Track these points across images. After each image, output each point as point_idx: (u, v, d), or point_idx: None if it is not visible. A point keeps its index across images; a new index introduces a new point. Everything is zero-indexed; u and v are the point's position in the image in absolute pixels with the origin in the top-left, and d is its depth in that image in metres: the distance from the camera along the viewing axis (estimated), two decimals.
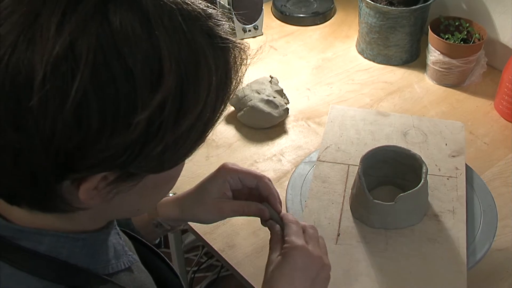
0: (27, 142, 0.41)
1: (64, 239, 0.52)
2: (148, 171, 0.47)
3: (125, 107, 0.41)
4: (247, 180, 0.79)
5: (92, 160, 0.42)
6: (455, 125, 1.11)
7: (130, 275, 0.59)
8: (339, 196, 0.99)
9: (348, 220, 0.95)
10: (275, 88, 1.28)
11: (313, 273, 0.71)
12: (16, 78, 0.40)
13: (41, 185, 0.44)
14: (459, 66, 1.33)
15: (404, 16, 1.37)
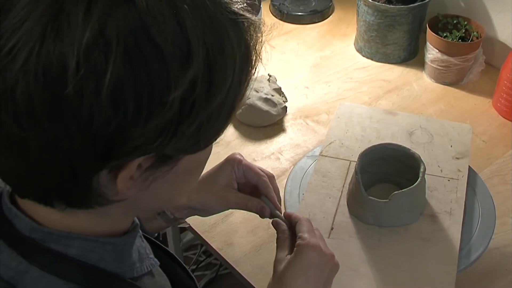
0: (65, 132, 0.41)
1: (94, 243, 0.52)
2: (184, 151, 0.48)
3: (159, 87, 0.41)
4: (249, 175, 0.80)
5: (130, 144, 0.42)
6: (463, 127, 1.10)
7: (152, 278, 0.59)
8: (337, 191, 0.99)
9: (343, 215, 0.95)
10: (273, 87, 1.28)
11: (326, 272, 0.72)
12: (48, 69, 0.40)
13: (80, 178, 0.44)
14: (457, 64, 1.33)
15: (402, 14, 1.37)
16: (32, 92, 0.40)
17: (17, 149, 0.43)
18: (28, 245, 0.50)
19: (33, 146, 0.42)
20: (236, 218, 1.05)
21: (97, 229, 0.52)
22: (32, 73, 0.40)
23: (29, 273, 0.49)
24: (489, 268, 0.95)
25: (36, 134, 0.41)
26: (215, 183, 0.80)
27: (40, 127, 0.41)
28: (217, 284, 1.84)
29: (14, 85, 0.40)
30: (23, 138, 0.41)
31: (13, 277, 0.49)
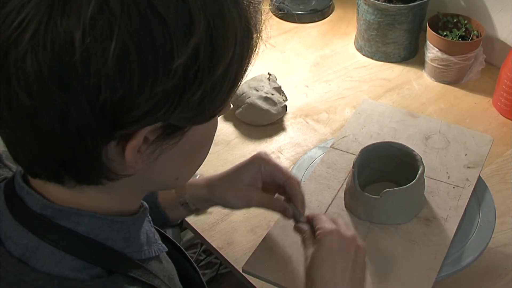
0: (73, 100, 0.42)
1: (102, 221, 0.53)
2: (190, 121, 0.49)
3: (163, 55, 0.43)
4: (277, 175, 0.81)
5: (137, 112, 0.44)
6: (483, 137, 1.09)
7: (159, 264, 0.60)
8: (337, 183, 0.99)
9: (337, 207, 0.95)
10: (273, 85, 1.28)
11: (352, 254, 0.72)
12: (56, 39, 0.41)
13: (89, 150, 0.45)
14: (458, 63, 1.33)
15: (403, 13, 1.37)
16: (41, 62, 0.41)
17: (28, 121, 0.44)
18: (39, 222, 0.51)
19: (43, 116, 0.43)
20: (236, 217, 1.05)
21: (105, 207, 0.53)
22: (40, 44, 0.41)
23: (40, 250, 0.51)
24: (489, 267, 0.95)
25: (46, 104, 0.43)
26: (239, 181, 0.80)
27: (49, 96, 0.42)
28: (217, 282, 1.84)
29: (24, 56, 0.42)
30: (34, 108, 0.43)
31: (24, 254, 0.51)
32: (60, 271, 0.50)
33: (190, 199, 0.82)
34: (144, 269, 0.55)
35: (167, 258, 0.64)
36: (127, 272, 0.53)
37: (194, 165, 0.59)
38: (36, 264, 0.50)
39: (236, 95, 1.25)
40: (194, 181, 0.83)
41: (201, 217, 1.05)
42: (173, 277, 0.63)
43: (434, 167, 0.97)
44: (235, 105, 1.26)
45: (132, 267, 0.54)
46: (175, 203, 0.82)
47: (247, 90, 1.25)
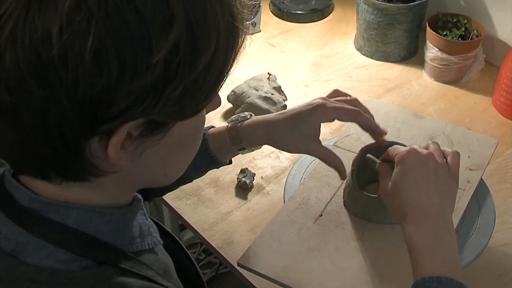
0: (52, 96, 0.42)
1: (91, 214, 0.53)
2: (172, 116, 0.48)
3: (142, 49, 0.43)
4: (344, 118, 0.83)
5: (117, 107, 0.44)
6: (487, 140, 1.09)
7: (154, 256, 0.60)
8: (337, 181, 0.99)
9: (336, 205, 0.96)
10: (273, 85, 1.28)
11: (432, 169, 0.76)
12: (34, 35, 0.41)
13: (71, 146, 0.45)
14: (457, 62, 1.33)
15: (402, 13, 1.37)
16: (19, 57, 0.42)
17: (9, 118, 0.44)
18: (28, 216, 0.51)
19: (23, 113, 0.43)
20: (236, 217, 1.05)
21: (94, 202, 0.53)
22: (19, 39, 0.41)
23: (30, 244, 0.51)
24: (489, 267, 0.95)
25: (26, 100, 0.43)
26: (298, 129, 0.81)
27: (29, 93, 0.42)
28: (217, 282, 1.84)
29: (3, 52, 0.42)
30: (14, 105, 0.43)
31: (14, 248, 0.51)
32: (50, 263, 0.50)
33: (247, 144, 0.84)
34: (136, 261, 0.55)
35: (163, 250, 0.64)
36: (117, 264, 0.52)
37: (182, 161, 0.58)
38: (26, 258, 0.50)
39: (236, 94, 1.25)
40: (250, 124, 0.84)
41: (201, 217, 1.05)
42: (169, 269, 0.62)
43: None
44: (234, 104, 1.26)
45: (123, 259, 0.54)
46: (228, 149, 0.84)
47: (246, 89, 1.25)
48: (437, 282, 0.66)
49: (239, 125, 0.84)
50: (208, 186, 1.11)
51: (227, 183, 1.12)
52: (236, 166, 1.14)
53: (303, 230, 0.90)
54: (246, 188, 1.10)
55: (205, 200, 1.09)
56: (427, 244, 0.70)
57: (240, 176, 1.11)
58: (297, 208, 0.94)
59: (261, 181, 1.12)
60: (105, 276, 0.51)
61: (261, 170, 1.14)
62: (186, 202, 1.08)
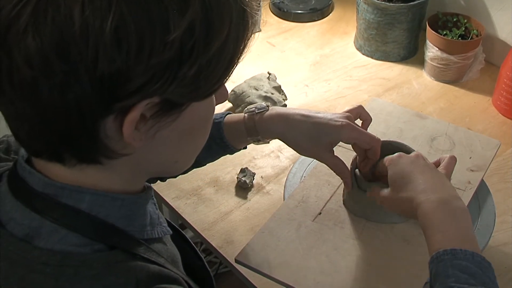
0: (72, 71, 0.44)
1: (103, 198, 0.53)
2: (186, 97, 0.50)
3: (160, 27, 0.44)
4: (362, 144, 0.85)
5: (134, 83, 0.45)
6: (489, 141, 1.09)
7: (163, 245, 0.61)
8: (337, 180, 0.99)
9: (335, 203, 0.96)
10: (273, 85, 1.28)
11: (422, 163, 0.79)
12: (56, 12, 0.43)
13: (87, 123, 0.46)
14: (457, 62, 1.33)
15: (402, 12, 1.37)
16: (42, 33, 0.43)
17: (29, 92, 0.45)
18: (41, 200, 0.52)
19: (43, 88, 0.44)
20: (235, 217, 1.05)
21: (107, 186, 0.54)
22: (41, 16, 0.43)
23: (42, 228, 0.52)
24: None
25: (46, 75, 0.44)
26: (317, 139, 0.83)
27: (49, 68, 0.44)
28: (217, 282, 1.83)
29: (25, 29, 0.43)
30: (35, 79, 0.44)
31: (27, 233, 0.52)
32: (62, 247, 0.51)
33: (262, 137, 0.85)
34: (147, 247, 0.56)
35: (171, 242, 0.65)
36: (128, 249, 0.54)
37: (192, 148, 0.59)
38: (39, 242, 0.51)
39: (236, 94, 1.25)
40: (266, 117, 0.84)
41: (201, 216, 1.05)
42: (177, 260, 0.64)
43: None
44: (234, 104, 1.26)
45: (134, 244, 0.55)
46: (243, 139, 0.86)
47: (246, 89, 1.25)
48: (452, 254, 0.66)
49: (256, 117, 0.85)
50: (208, 186, 1.11)
51: (227, 183, 1.12)
52: (236, 166, 1.14)
53: (302, 228, 0.90)
54: (246, 188, 1.10)
55: (205, 199, 1.09)
56: (437, 220, 0.71)
57: (240, 175, 1.11)
58: (296, 206, 0.94)
59: (261, 181, 1.12)
60: (116, 260, 0.52)
61: (261, 170, 1.14)
62: (186, 202, 1.08)
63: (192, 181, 1.12)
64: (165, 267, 0.55)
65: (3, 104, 0.48)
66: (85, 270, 0.50)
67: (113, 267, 0.51)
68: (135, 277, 0.51)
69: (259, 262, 0.86)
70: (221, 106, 1.30)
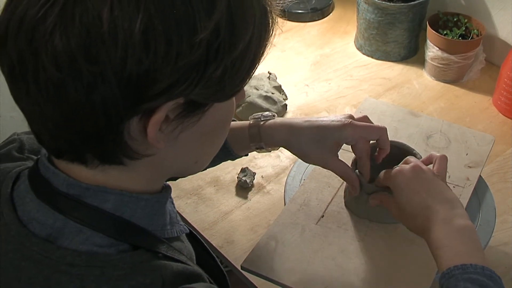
0: (100, 72, 0.43)
1: (128, 199, 0.54)
2: (211, 98, 0.50)
3: (187, 28, 0.45)
4: (371, 136, 0.84)
5: (161, 85, 0.45)
6: (484, 137, 1.09)
7: (181, 244, 0.62)
8: (338, 182, 0.99)
9: (337, 205, 0.95)
10: (274, 84, 1.28)
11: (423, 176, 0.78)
12: (85, 13, 0.43)
13: (113, 125, 0.46)
14: (458, 62, 1.33)
15: (403, 12, 1.37)
16: (69, 34, 0.43)
17: (55, 93, 0.45)
18: (66, 201, 0.52)
19: (70, 89, 0.44)
20: (236, 216, 1.05)
21: (128, 187, 0.54)
22: (69, 17, 0.43)
23: (66, 228, 0.51)
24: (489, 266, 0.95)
25: (73, 76, 0.44)
26: (321, 142, 0.82)
27: (77, 68, 0.43)
28: None
29: (53, 29, 0.43)
30: (61, 80, 0.44)
31: (50, 234, 0.52)
32: (88, 247, 0.51)
33: (265, 144, 0.84)
34: (169, 246, 0.56)
35: (187, 241, 0.65)
36: (152, 248, 0.54)
37: (212, 148, 0.60)
38: (63, 242, 0.51)
39: None
40: (271, 124, 0.84)
41: (201, 216, 1.05)
42: (194, 258, 0.64)
43: None
44: None
45: (158, 243, 0.55)
46: (245, 145, 0.85)
47: (247, 89, 1.25)
48: (462, 269, 0.66)
49: (261, 124, 0.84)
50: (208, 185, 1.11)
51: (228, 182, 1.12)
52: (236, 165, 1.14)
53: (306, 232, 0.90)
54: (246, 187, 1.10)
55: (206, 199, 1.09)
56: (446, 239, 0.71)
57: (240, 175, 1.11)
58: (298, 209, 0.94)
59: (261, 180, 1.12)
60: (141, 260, 0.52)
61: (261, 169, 1.14)
62: (187, 201, 1.08)
63: (193, 180, 1.12)
64: (188, 264, 0.56)
65: (27, 105, 0.48)
66: (111, 271, 0.50)
67: (138, 267, 0.51)
68: (161, 277, 0.51)
69: (265, 268, 0.85)
70: None
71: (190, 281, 0.53)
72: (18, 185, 0.55)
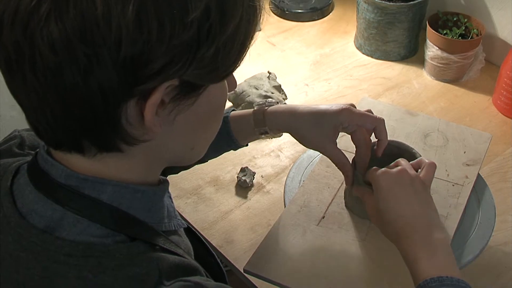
0: (96, 54, 0.44)
1: (125, 190, 0.54)
2: (204, 78, 0.51)
3: (179, 9, 0.46)
4: (367, 125, 0.85)
5: (155, 65, 0.46)
6: (481, 135, 1.09)
7: (179, 238, 0.63)
8: (337, 182, 0.99)
9: (337, 206, 0.95)
10: (273, 84, 1.28)
11: (408, 183, 0.77)
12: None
13: (110, 107, 0.47)
14: (457, 61, 1.33)
15: (402, 12, 1.37)
16: (64, 19, 0.44)
17: (52, 79, 0.46)
18: (64, 192, 0.53)
19: (67, 73, 0.45)
20: (236, 216, 1.05)
21: (126, 177, 0.55)
22: (63, 2, 0.44)
23: (64, 219, 0.52)
24: (489, 266, 0.95)
25: (70, 60, 0.45)
26: (320, 126, 0.84)
27: (73, 52, 0.44)
28: None
29: (48, 15, 0.44)
30: (58, 65, 0.45)
31: (48, 225, 0.52)
32: (85, 238, 0.52)
33: (270, 129, 0.86)
34: (166, 238, 0.57)
35: (185, 236, 0.66)
36: (149, 240, 0.54)
37: (207, 134, 0.61)
38: (61, 233, 0.52)
39: (236, 93, 1.25)
40: (275, 108, 0.86)
41: (201, 215, 1.05)
42: (191, 253, 0.65)
43: None
44: (235, 103, 1.26)
45: (155, 236, 0.56)
46: (249, 132, 0.87)
47: (247, 88, 1.25)
48: (439, 281, 0.67)
49: (265, 109, 0.86)
50: (208, 185, 1.11)
51: (227, 182, 1.12)
52: (236, 165, 1.14)
53: (307, 233, 0.90)
54: (246, 187, 1.10)
55: (205, 199, 1.09)
56: (422, 252, 0.71)
57: (240, 175, 1.11)
58: (299, 211, 0.94)
59: (261, 180, 1.12)
60: (138, 251, 0.53)
61: (261, 169, 1.14)
62: (186, 201, 1.08)
63: (192, 180, 1.12)
64: (185, 258, 0.56)
65: (25, 95, 0.48)
66: (108, 261, 0.51)
67: (135, 257, 0.52)
68: (158, 268, 0.52)
69: (268, 270, 0.85)
70: None
71: (187, 273, 0.54)
72: (17, 178, 0.56)
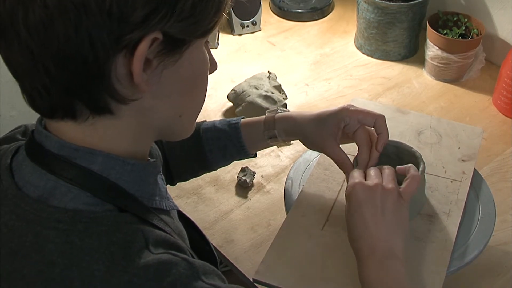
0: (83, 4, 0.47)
1: (114, 161, 0.57)
2: (186, 32, 0.53)
3: None
4: (367, 120, 0.86)
5: (139, 13, 0.49)
6: (473, 130, 1.10)
7: (170, 219, 0.64)
8: (337, 185, 0.99)
9: (340, 209, 0.95)
10: (273, 84, 1.28)
11: (378, 202, 0.76)
12: None
13: (100, 60, 0.50)
14: (458, 61, 1.33)
15: (403, 12, 1.37)
16: None
17: (45, 34, 0.48)
18: (57, 162, 0.55)
19: (58, 26, 0.48)
20: (236, 216, 1.05)
21: (117, 147, 0.57)
22: None
23: (57, 189, 0.55)
24: (489, 266, 0.95)
25: (60, 12, 0.48)
26: (321, 126, 0.86)
27: (63, 4, 0.47)
28: None
29: None
30: (50, 18, 0.48)
31: (42, 195, 0.55)
32: (74, 205, 0.54)
33: (279, 132, 0.88)
34: (155, 215, 0.58)
35: (178, 220, 0.67)
36: (138, 213, 0.56)
37: (194, 101, 0.63)
38: (53, 202, 0.54)
39: (236, 93, 1.25)
40: (284, 115, 0.89)
41: (201, 215, 1.05)
42: (184, 236, 0.66)
43: (429, 162, 0.97)
44: (235, 103, 1.26)
45: (143, 210, 0.57)
46: (259, 138, 0.89)
47: (247, 88, 1.25)
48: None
49: (276, 115, 0.89)
50: (208, 185, 1.11)
51: (227, 182, 1.12)
52: (236, 165, 1.14)
53: (313, 238, 0.89)
54: (246, 187, 1.10)
55: (206, 198, 1.09)
56: (374, 278, 0.72)
57: (240, 174, 1.11)
58: (302, 216, 0.93)
59: (261, 180, 1.12)
60: (126, 220, 0.55)
61: (261, 169, 1.14)
62: (187, 201, 1.08)
63: (193, 180, 1.11)
64: (172, 236, 0.57)
65: (19, 54, 0.50)
66: (95, 226, 0.53)
67: (122, 226, 0.54)
68: (143, 237, 0.53)
69: (278, 278, 0.84)
70: (221, 105, 1.30)
71: (172, 249, 0.55)
72: (17, 156, 0.59)
